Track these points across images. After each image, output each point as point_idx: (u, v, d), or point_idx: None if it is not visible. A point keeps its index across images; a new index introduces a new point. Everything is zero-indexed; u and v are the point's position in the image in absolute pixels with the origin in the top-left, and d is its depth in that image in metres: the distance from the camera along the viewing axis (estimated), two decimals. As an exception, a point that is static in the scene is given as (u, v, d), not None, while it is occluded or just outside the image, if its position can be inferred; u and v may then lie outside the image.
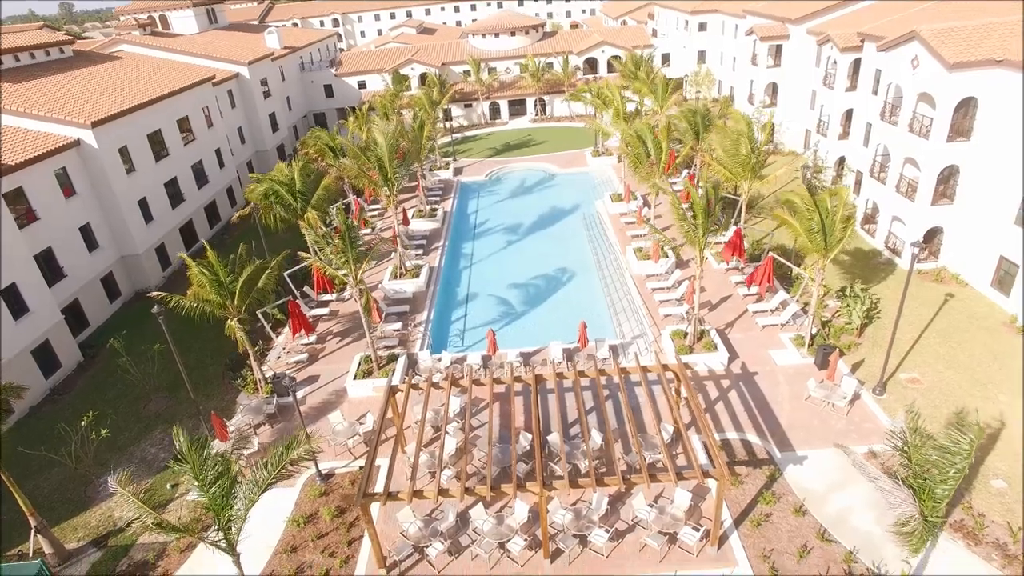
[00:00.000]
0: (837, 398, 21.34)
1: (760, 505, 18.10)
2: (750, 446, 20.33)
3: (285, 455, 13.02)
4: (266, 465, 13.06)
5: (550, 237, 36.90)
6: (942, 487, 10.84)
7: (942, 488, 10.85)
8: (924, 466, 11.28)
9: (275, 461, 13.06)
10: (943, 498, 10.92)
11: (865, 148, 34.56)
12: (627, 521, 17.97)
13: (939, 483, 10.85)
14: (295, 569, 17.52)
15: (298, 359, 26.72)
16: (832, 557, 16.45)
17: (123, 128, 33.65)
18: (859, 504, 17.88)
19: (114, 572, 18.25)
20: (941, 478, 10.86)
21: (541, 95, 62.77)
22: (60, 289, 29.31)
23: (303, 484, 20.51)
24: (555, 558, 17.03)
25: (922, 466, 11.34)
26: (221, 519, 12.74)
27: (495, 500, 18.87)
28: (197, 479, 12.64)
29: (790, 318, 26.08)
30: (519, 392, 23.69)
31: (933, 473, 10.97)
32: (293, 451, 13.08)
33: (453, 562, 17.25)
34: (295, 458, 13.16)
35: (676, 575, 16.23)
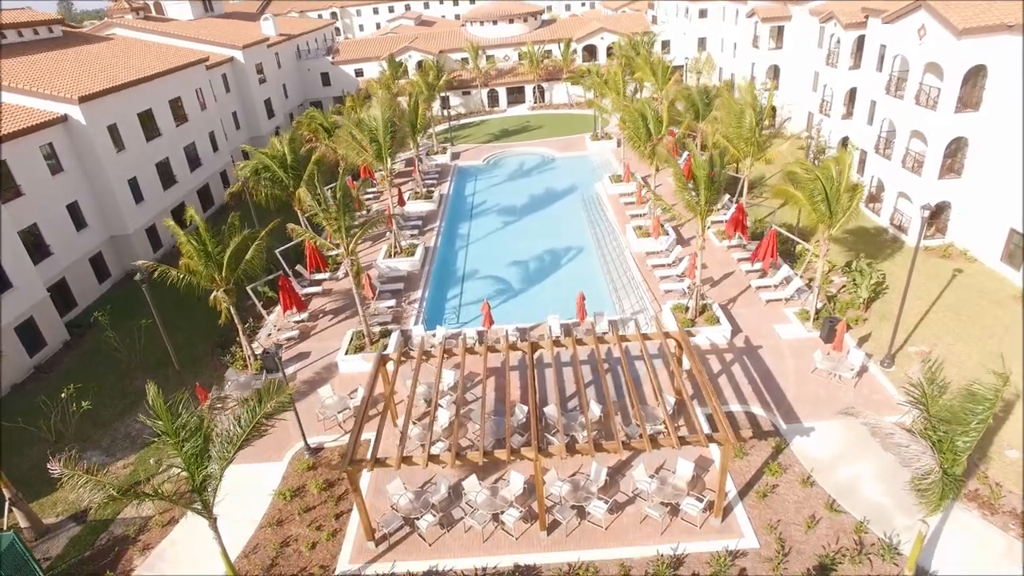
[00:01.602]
0: (844, 370, 20.61)
1: (766, 476, 17.38)
2: (755, 418, 19.61)
3: (259, 409, 12.27)
4: (239, 421, 12.31)
5: (548, 218, 36.18)
6: (963, 439, 10.13)
7: (963, 440, 10.14)
8: (943, 418, 10.56)
9: (249, 416, 12.32)
10: (964, 450, 10.21)
11: (869, 127, 33.84)
12: (627, 493, 17.26)
13: (960, 435, 10.14)
14: (280, 542, 16.81)
15: (289, 336, 26.00)
16: (842, 528, 15.73)
17: (112, 105, 32.93)
18: (869, 475, 17.17)
19: (93, 546, 17.58)
20: (962, 430, 10.14)
21: (540, 82, 62.04)
22: (46, 267, 28.57)
23: (290, 458, 19.81)
24: (552, 530, 16.31)
25: (940, 419, 10.63)
26: (195, 479, 12.01)
27: (489, 472, 18.16)
28: (169, 435, 11.91)
29: (794, 293, 25.35)
30: (515, 367, 22.98)
31: (953, 426, 10.26)
32: (267, 404, 12.31)
33: (445, 535, 16.54)
34: (270, 411, 12.38)
35: (679, 548, 15.51)
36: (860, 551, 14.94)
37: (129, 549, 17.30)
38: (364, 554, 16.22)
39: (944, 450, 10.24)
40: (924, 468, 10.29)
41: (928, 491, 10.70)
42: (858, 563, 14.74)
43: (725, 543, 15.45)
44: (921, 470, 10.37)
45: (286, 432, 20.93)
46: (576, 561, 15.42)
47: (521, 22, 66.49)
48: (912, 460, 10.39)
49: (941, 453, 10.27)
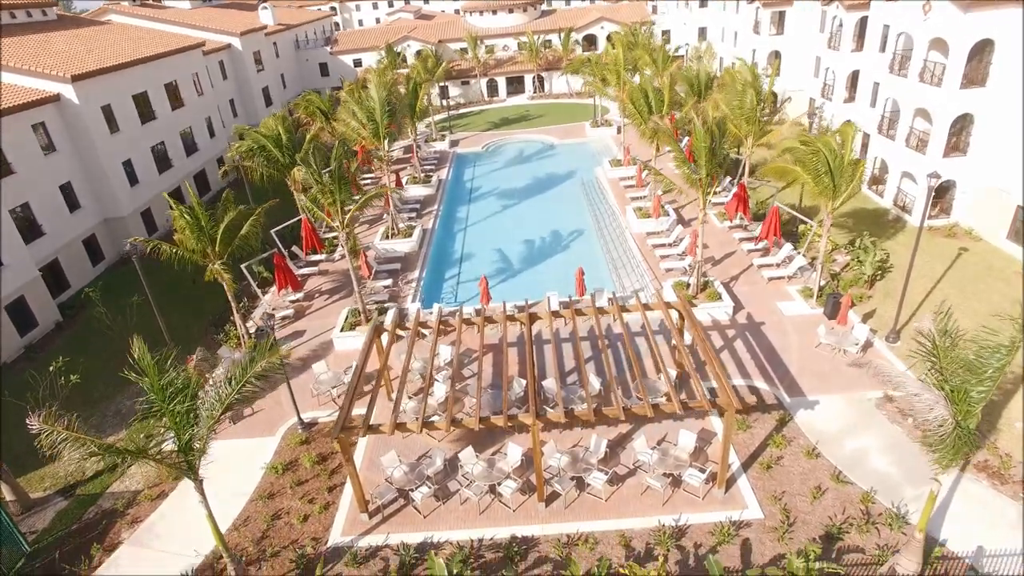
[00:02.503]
0: (848, 344, 20.19)
1: (770, 449, 16.96)
2: (758, 392, 19.18)
3: (250, 368, 11.85)
4: (230, 381, 11.89)
5: (548, 201, 35.77)
6: (978, 388, 9.72)
7: (978, 390, 9.73)
8: (955, 370, 10.15)
9: (239, 374, 11.90)
10: (979, 401, 9.80)
11: (872, 109, 33.40)
12: (627, 465, 16.85)
13: (975, 385, 9.73)
14: (271, 515, 16.40)
15: (284, 315, 25.60)
16: (848, 498, 15.32)
17: (106, 86, 32.52)
18: (875, 447, 16.75)
19: (80, 520, 17.18)
20: (977, 380, 9.74)
21: (539, 72, 61.62)
22: (38, 247, 28.15)
23: (283, 433, 19.40)
24: (550, 502, 15.89)
25: (953, 370, 10.22)
26: (181, 439, 11.60)
27: (486, 446, 17.75)
28: (154, 392, 11.50)
29: (797, 271, 24.93)
30: (512, 343, 22.58)
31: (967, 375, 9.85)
32: (258, 363, 11.88)
33: (440, 507, 16.12)
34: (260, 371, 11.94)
35: (680, 519, 15.10)
36: (868, 520, 14.53)
37: (117, 522, 16.91)
38: (357, 526, 15.82)
39: (958, 401, 9.83)
40: (937, 419, 9.87)
41: (940, 446, 10.29)
42: (865, 532, 14.33)
43: (728, 514, 15.04)
44: (934, 422, 9.96)
45: (279, 408, 20.61)
46: (575, 532, 15.01)
47: (521, 12, 66.08)
48: (924, 410, 9.97)
49: (954, 404, 9.86)
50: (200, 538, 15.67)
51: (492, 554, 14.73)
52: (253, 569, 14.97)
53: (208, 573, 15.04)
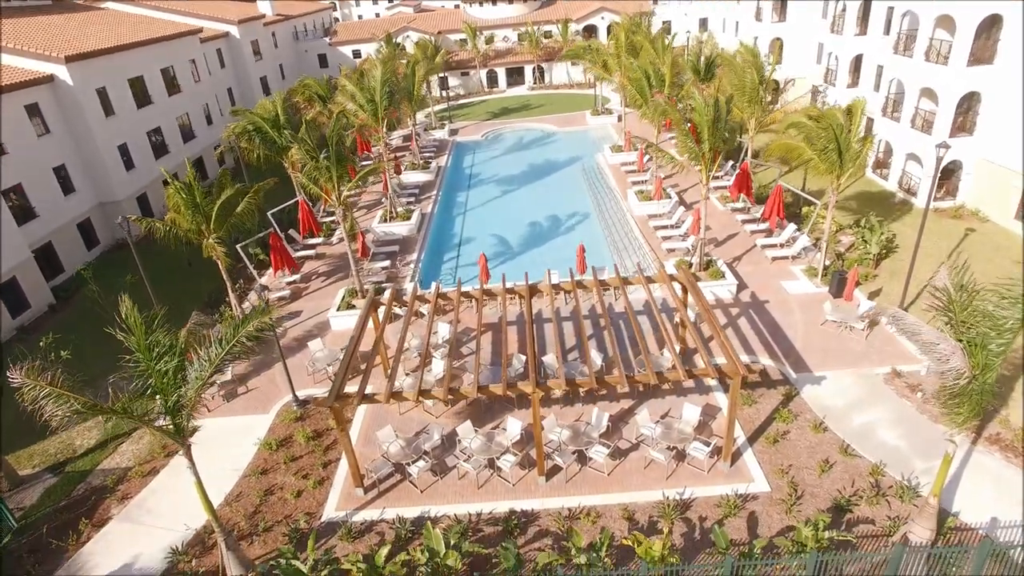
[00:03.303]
0: (855, 321, 19.76)
1: (776, 423, 16.53)
2: (763, 369, 18.76)
3: (243, 325, 11.43)
4: (220, 341, 11.46)
5: (548, 186, 35.35)
6: (997, 341, 9.31)
7: (997, 343, 9.32)
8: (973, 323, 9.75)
9: (229, 334, 11.47)
10: (998, 354, 9.39)
11: (876, 93, 32.99)
12: (630, 440, 16.43)
13: (994, 337, 9.32)
14: (264, 491, 15.99)
15: (280, 295, 25.18)
16: (857, 471, 14.90)
17: (101, 68, 32.12)
18: (884, 421, 16.32)
19: (69, 496, 16.76)
20: (996, 333, 9.32)
21: (539, 63, 61.20)
22: (31, 229, 27.75)
23: (278, 410, 18.98)
24: (551, 476, 15.47)
25: (971, 323, 9.81)
26: (168, 399, 11.18)
27: (485, 421, 17.33)
28: (141, 352, 11.08)
29: (801, 251, 24.52)
30: (512, 322, 22.19)
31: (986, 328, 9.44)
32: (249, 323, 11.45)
33: (437, 482, 15.70)
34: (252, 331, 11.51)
35: (685, 492, 14.68)
36: (877, 493, 14.11)
37: (107, 499, 16.49)
38: (352, 501, 15.40)
39: (975, 353, 9.42)
40: (954, 370, 9.46)
41: (957, 402, 9.87)
42: (875, 504, 13.91)
43: (734, 487, 14.62)
44: (950, 374, 9.55)
45: (274, 387, 20.21)
46: (577, 506, 14.59)
47: (520, 2, 65.68)
48: (941, 361, 9.56)
49: (973, 357, 9.45)
50: (191, 513, 15.27)
51: (491, 528, 14.32)
52: (245, 543, 14.56)
53: (198, 547, 14.64)
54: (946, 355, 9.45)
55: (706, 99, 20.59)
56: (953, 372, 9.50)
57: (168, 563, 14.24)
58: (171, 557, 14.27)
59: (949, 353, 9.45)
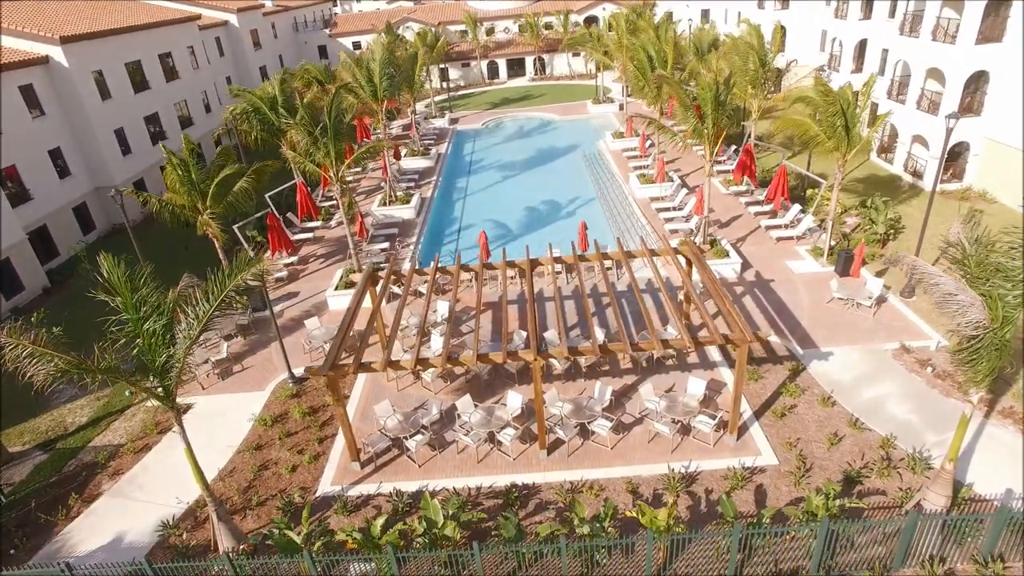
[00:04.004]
0: (862, 298, 19.37)
1: (783, 398, 16.14)
2: (769, 345, 18.38)
3: (231, 278, 11.02)
4: (207, 296, 11.06)
5: (549, 172, 34.98)
6: (1014, 293, 8.93)
7: (1015, 294, 8.94)
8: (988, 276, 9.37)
9: (218, 288, 11.06)
10: (1016, 305, 9.00)
11: (881, 77, 32.59)
12: (633, 414, 16.04)
13: (1009, 289, 8.94)
14: (258, 466, 15.60)
15: (278, 276, 24.82)
16: (867, 444, 14.51)
17: (97, 51, 31.77)
18: (894, 395, 15.94)
19: (60, 472, 16.39)
20: (1012, 284, 8.95)
21: (540, 54, 60.83)
22: (25, 211, 27.41)
23: (274, 388, 18.60)
24: (552, 450, 15.08)
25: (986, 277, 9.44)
26: (156, 360, 10.79)
27: (485, 397, 16.94)
28: (127, 310, 10.71)
29: (805, 232, 24.12)
30: (512, 300, 21.81)
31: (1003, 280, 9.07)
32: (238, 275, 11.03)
33: (436, 456, 15.32)
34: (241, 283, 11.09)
35: (691, 465, 14.29)
36: (888, 465, 13.72)
37: (98, 474, 16.12)
38: (348, 476, 15.01)
39: (993, 306, 9.04)
40: (972, 322, 9.08)
41: (975, 358, 9.49)
42: (886, 476, 13.52)
43: (741, 460, 14.23)
44: (968, 326, 9.16)
45: (270, 365, 19.85)
46: (579, 479, 14.20)
47: (521, -6, 65.31)
48: (959, 313, 9.18)
49: (992, 310, 9.06)
50: (184, 489, 14.91)
51: (491, 501, 13.92)
52: (238, 518, 14.18)
53: (190, 521, 14.26)
54: (965, 305, 9.05)
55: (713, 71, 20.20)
56: (972, 324, 9.12)
57: (159, 536, 13.87)
58: (162, 531, 13.90)
59: (968, 304, 9.06)
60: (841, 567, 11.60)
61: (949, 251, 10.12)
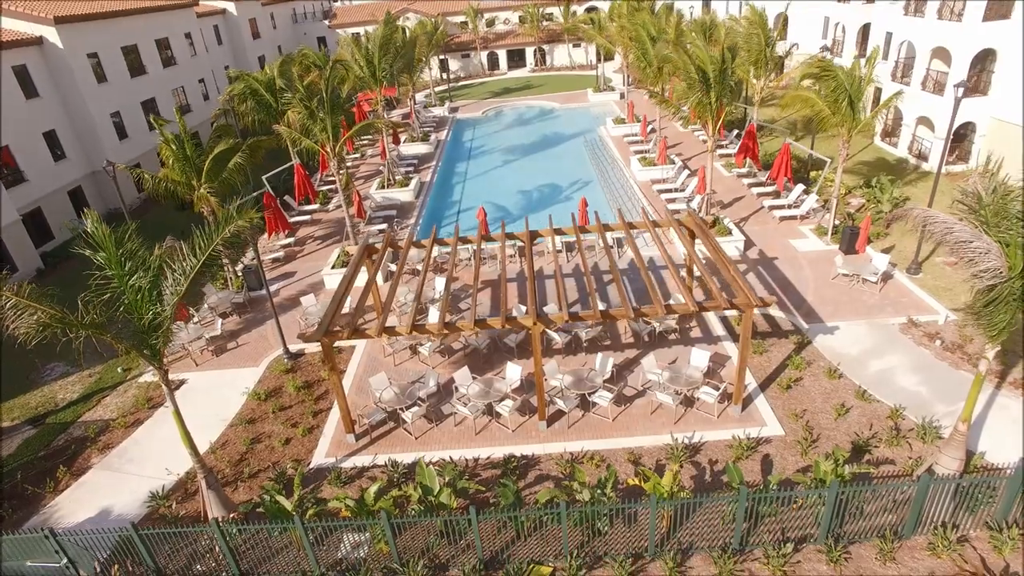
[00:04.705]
0: (868, 273, 18.98)
1: (788, 371, 15.77)
2: (773, 320, 18.02)
3: (218, 231, 10.65)
4: (195, 251, 10.69)
5: (549, 157, 34.61)
6: (1033, 241, 8.59)
7: (1034, 242, 8.60)
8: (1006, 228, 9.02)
9: (205, 241, 10.70)
10: (1036, 254, 8.65)
11: (884, 61, 32.21)
12: (635, 387, 15.68)
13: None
14: (251, 439, 15.24)
15: (274, 256, 24.48)
16: (875, 415, 14.14)
17: (92, 33, 31.43)
18: (902, 367, 15.57)
19: (48, 447, 16.04)
20: (1030, 231, 8.61)
21: (541, 44, 60.46)
22: (19, 193, 27.08)
23: (268, 363, 18.25)
24: (552, 422, 14.72)
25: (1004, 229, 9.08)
26: (142, 318, 10.44)
27: (483, 372, 16.58)
28: (111, 266, 10.35)
29: (809, 211, 23.75)
30: (512, 279, 21.46)
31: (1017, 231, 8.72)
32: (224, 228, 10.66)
33: (433, 429, 14.96)
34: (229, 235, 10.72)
35: (694, 436, 13.93)
36: (897, 434, 13.34)
37: (88, 448, 15.77)
38: (343, 448, 14.65)
39: (1012, 255, 8.68)
40: (990, 270, 8.71)
41: (991, 311, 9.12)
42: (896, 445, 13.15)
43: (746, 430, 13.86)
44: (986, 274, 8.79)
45: (265, 342, 19.52)
46: (580, 450, 13.84)
47: (522, -15, 64.85)
48: (975, 262, 8.80)
49: (1010, 258, 8.70)
50: (174, 462, 14.57)
51: (489, 472, 13.56)
52: (229, 490, 13.81)
53: (180, 493, 13.90)
54: (982, 252, 8.68)
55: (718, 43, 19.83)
56: (989, 272, 8.75)
57: (148, 508, 13.51)
58: (151, 502, 13.54)
59: (985, 250, 8.69)
60: (850, 535, 11.24)
61: (965, 201, 9.74)
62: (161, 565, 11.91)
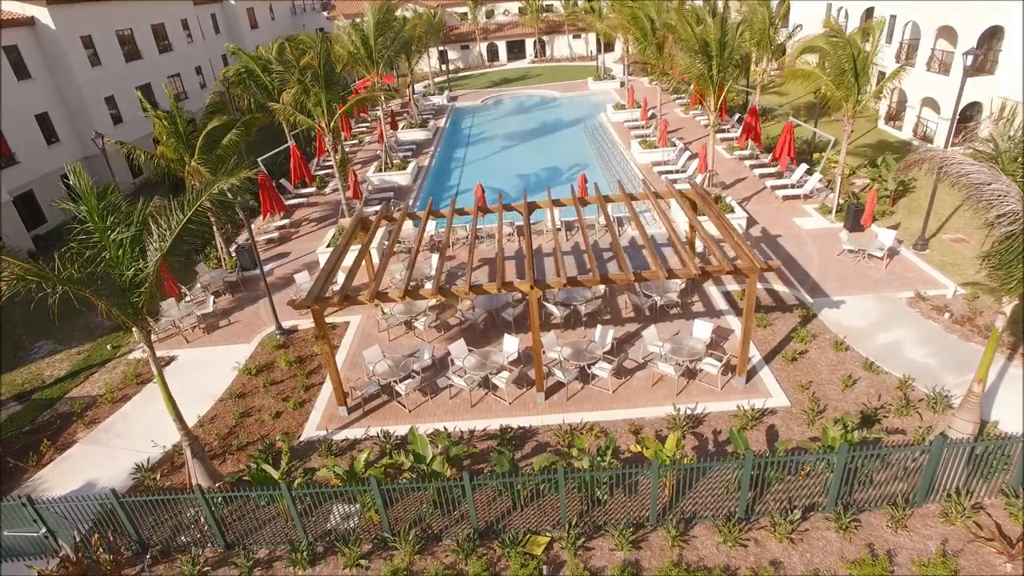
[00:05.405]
0: (874, 249, 18.55)
1: (793, 343, 15.34)
2: (777, 295, 17.58)
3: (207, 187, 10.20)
4: (182, 206, 10.27)
5: (549, 143, 34.19)
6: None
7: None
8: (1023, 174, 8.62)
9: (192, 197, 10.27)
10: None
11: (888, 45, 31.79)
12: (636, 360, 15.25)
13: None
14: (241, 413, 14.82)
15: (268, 237, 24.06)
16: (883, 385, 13.70)
17: (86, 15, 31.05)
18: (910, 339, 15.14)
19: (34, 422, 15.63)
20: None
21: (540, 35, 60.05)
22: (11, 176, 26.69)
23: (260, 340, 17.83)
24: (551, 394, 14.29)
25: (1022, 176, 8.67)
26: (123, 273, 10.02)
27: (480, 345, 16.15)
28: (92, 218, 9.94)
29: (812, 190, 23.30)
30: (510, 256, 21.05)
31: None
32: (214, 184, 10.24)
33: (428, 401, 14.54)
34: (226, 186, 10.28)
35: (697, 407, 13.50)
36: (907, 404, 12.91)
37: (74, 423, 15.35)
38: (334, 421, 14.22)
39: (1032, 200, 8.26)
40: (1009, 214, 8.29)
41: (1008, 260, 8.70)
42: (905, 415, 12.72)
43: (751, 402, 13.43)
44: (1005, 219, 8.37)
45: (258, 319, 19.11)
46: (579, 422, 13.42)
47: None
48: (993, 206, 8.38)
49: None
50: (162, 434, 14.14)
51: (484, 444, 13.12)
52: (216, 462, 13.39)
53: (167, 466, 13.48)
54: (1001, 194, 8.26)
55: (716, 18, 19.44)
56: (1008, 217, 8.32)
57: (134, 480, 13.09)
58: (137, 474, 13.12)
59: (1004, 192, 8.26)
60: (860, 503, 10.81)
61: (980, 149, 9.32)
62: (145, 537, 11.49)
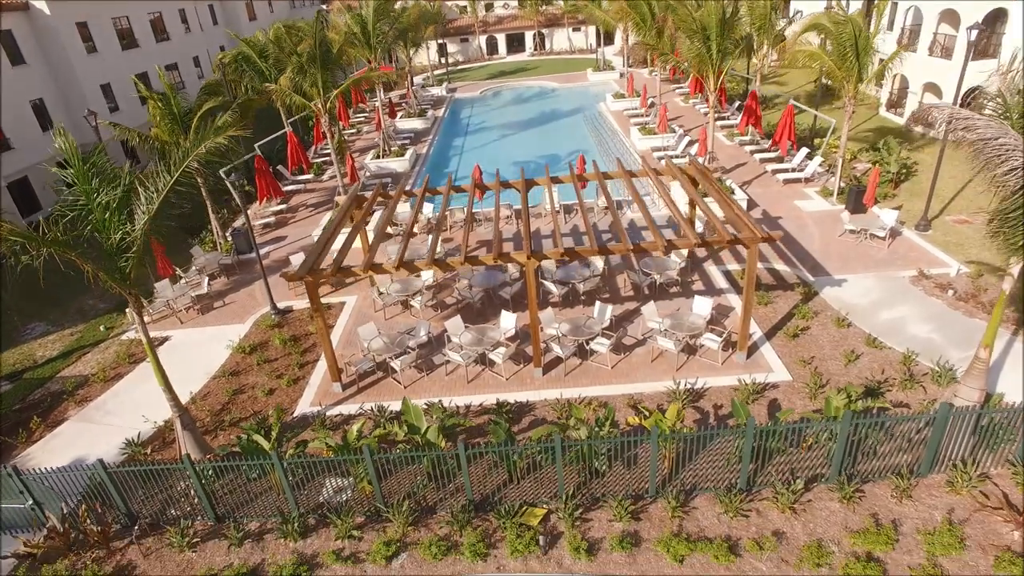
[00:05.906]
0: (876, 229, 18.33)
1: (795, 320, 15.12)
2: (778, 273, 17.37)
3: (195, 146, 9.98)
4: (169, 168, 10.04)
5: (548, 131, 33.94)
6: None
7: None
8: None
9: (179, 158, 10.05)
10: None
11: (889, 32, 31.57)
12: (635, 336, 15.03)
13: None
14: (234, 390, 14.60)
15: (264, 222, 23.84)
16: (887, 360, 13.48)
17: (81, 1, 30.81)
18: (913, 316, 14.92)
19: (24, 401, 15.41)
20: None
21: (540, 28, 59.82)
22: (6, 162, 26.48)
23: (255, 320, 17.61)
24: (548, 370, 14.07)
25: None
26: (111, 236, 9.80)
27: (476, 323, 15.92)
28: (78, 180, 9.73)
29: (813, 174, 23.06)
30: (507, 238, 20.83)
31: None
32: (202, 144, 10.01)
33: (423, 378, 14.32)
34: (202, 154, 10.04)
35: (697, 383, 13.27)
36: (910, 378, 12.69)
37: (65, 401, 15.15)
38: (329, 397, 14.01)
39: (1041, 154, 8.05)
40: (1017, 168, 8.08)
41: (1015, 219, 8.49)
42: (909, 389, 12.50)
43: (752, 376, 13.20)
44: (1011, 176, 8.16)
45: (252, 300, 18.94)
46: (577, 397, 13.19)
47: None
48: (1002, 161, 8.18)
49: (1037, 157, 8.07)
50: (154, 411, 13.93)
51: (480, 419, 12.90)
52: (208, 438, 13.17)
53: (158, 442, 13.26)
54: (1009, 149, 8.06)
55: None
56: (1017, 172, 8.12)
57: (124, 455, 12.86)
58: (127, 449, 12.90)
59: (1012, 147, 8.06)
60: (864, 474, 10.58)
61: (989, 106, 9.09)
62: (134, 510, 11.28)
